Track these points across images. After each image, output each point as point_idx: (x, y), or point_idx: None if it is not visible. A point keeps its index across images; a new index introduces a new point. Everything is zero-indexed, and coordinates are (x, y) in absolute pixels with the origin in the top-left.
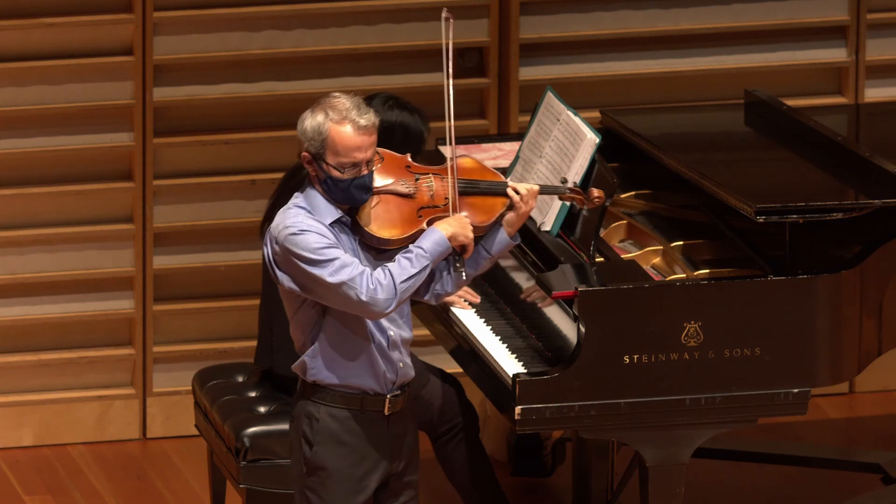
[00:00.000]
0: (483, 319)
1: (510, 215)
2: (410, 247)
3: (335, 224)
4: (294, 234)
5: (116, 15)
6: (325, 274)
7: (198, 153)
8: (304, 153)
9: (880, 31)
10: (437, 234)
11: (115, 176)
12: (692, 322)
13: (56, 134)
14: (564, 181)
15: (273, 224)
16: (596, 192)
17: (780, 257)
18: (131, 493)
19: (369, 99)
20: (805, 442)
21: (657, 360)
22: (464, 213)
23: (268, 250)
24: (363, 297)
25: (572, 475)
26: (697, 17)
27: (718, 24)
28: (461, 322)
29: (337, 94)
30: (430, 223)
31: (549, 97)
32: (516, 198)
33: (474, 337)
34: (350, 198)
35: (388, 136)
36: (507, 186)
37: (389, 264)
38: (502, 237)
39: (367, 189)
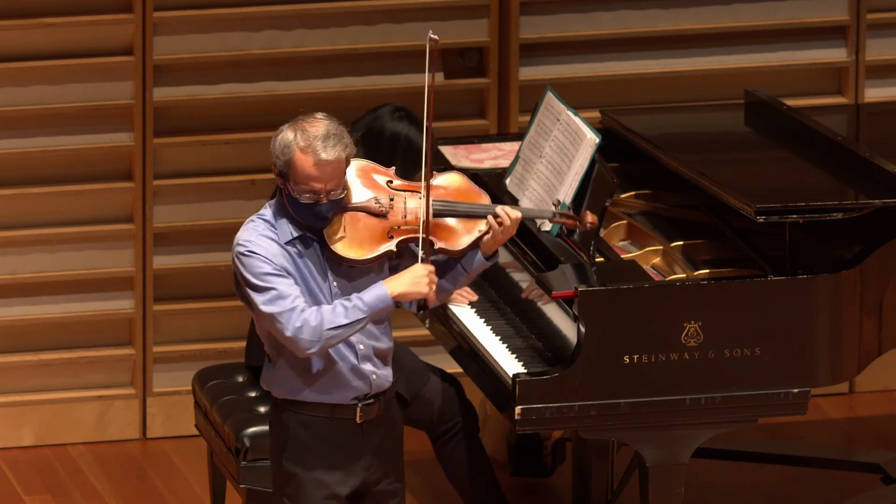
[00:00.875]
0: (483, 319)
1: (487, 238)
2: (353, 296)
3: (297, 240)
4: (242, 253)
5: (116, 15)
6: (259, 301)
7: (198, 153)
8: (273, 165)
9: (880, 31)
10: (382, 291)
11: (115, 176)
12: (692, 322)
13: (56, 134)
14: (557, 203)
15: (236, 235)
16: (590, 217)
17: (780, 257)
18: (131, 493)
19: (380, 107)
20: (805, 442)
21: (657, 360)
22: (428, 268)
23: (232, 255)
24: (287, 334)
25: (572, 475)
26: (697, 17)
27: (718, 24)
28: (461, 322)
29: (319, 115)
30: (399, 245)
31: (549, 97)
32: (493, 223)
33: (474, 337)
34: (309, 221)
35: (392, 146)
36: (488, 212)
37: (325, 308)
38: (479, 258)
39: (323, 218)
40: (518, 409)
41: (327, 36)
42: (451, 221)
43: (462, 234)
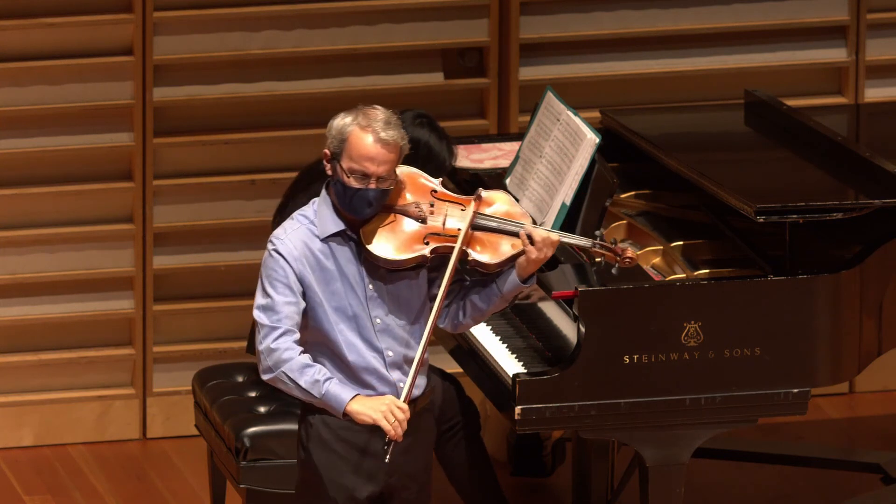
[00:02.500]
0: None
1: (522, 259)
2: (327, 377)
3: (337, 236)
4: (270, 251)
5: (116, 15)
6: (257, 299)
7: (198, 153)
8: (326, 150)
9: (880, 31)
10: (343, 397)
11: (115, 176)
12: (692, 322)
13: (56, 134)
14: (596, 236)
15: (278, 227)
16: (630, 252)
17: (780, 257)
18: (131, 493)
19: (402, 112)
20: (805, 442)
21: (657, 360)
22: (399, 404)
23: None
24: (259, 347)
25: (572, 475)
26: (697, 17)
27: (718, 24)
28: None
29: (377, 106)
30: (434, 252)
31: (549, 97)
32: (527, 242)
33: (474, 336)
34: (352, 208)
35: (412, 151)
36: (521, 229)
37: (300, 358)
38: (513, 279)
39: (369, 204)
40: (518, 409)
41: (327, 36)
42: (489, 236)
43: (498, 250)
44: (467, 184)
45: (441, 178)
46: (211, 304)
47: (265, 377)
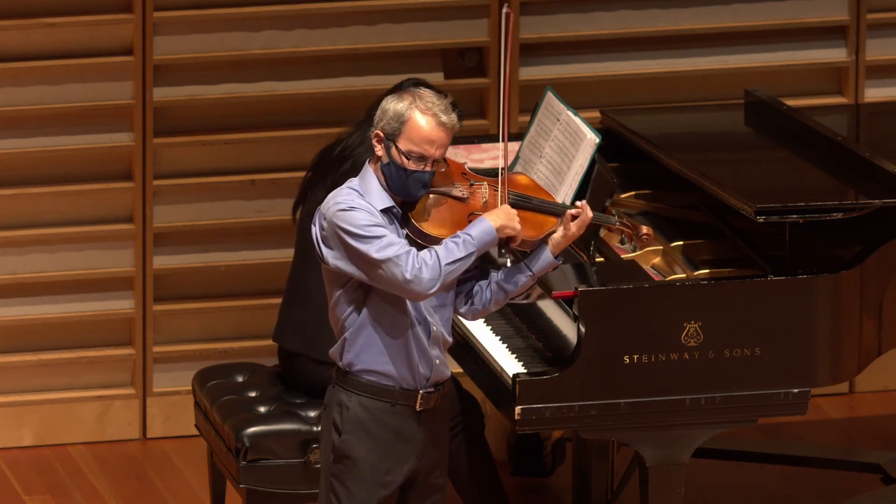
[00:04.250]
0: (483, 319)
1: (556, 235)
2: (458, 233)
3: (385, 212)
4: (343, 209)
5: (116, 15)
6: (371, 250)
7: (198, 153)
8: (378, 132)
9: (880, 31)
10: (486, 224)
11: (115, 176)
12: (692, 322)
13: (56, 134)
14: (615, 214)
15: (323, 203)
16: (645, 230)
17: (780, 257)
18: (131, 493)
19: (401, 84)
20: (805, 442)
21: (657, 360)
22: (508, 208)
23: (315, 228)
24: (407, 275)
25: (572, 475)
26: (697, 17)
27: (718, 24)
28: (461, 321)
29: (425, 88)
30: None
31: (549, 97)
32: (569, 220)
33: (474, 336)
34: (406, 190)
35: None
36: (564, 209)
37: (436, 247)
38: (546, 256)
39: (425, 185)
40: (518, 409)
41: (327, 36)
42: (524, 214)
43: (534, 228)
44: None
45: (465, 161)
46: (211, 304)
47: (433, 289)
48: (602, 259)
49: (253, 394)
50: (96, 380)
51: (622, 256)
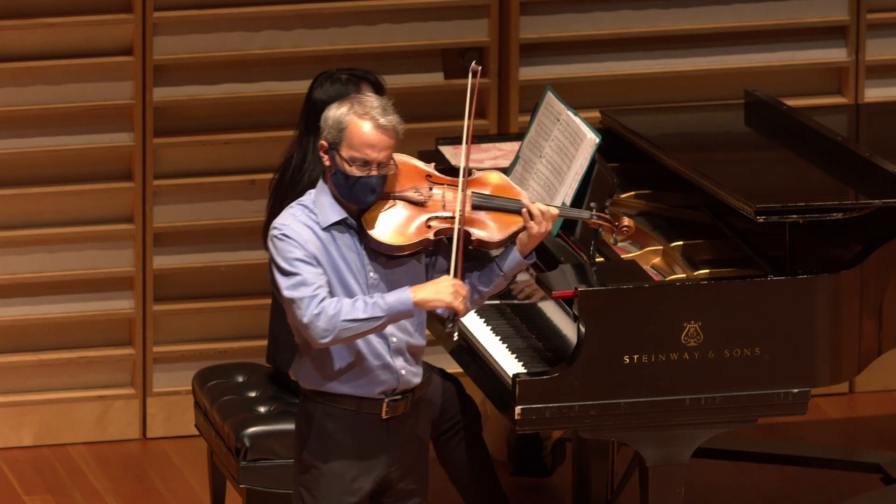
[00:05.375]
0: (483, 319)
1: (523, 235)
2: (376, 295)
3: (338, 225)
4: (276, 237)
5: (116, 15)
6: (283, 284)
7: (198, 153)
8: (322, 142)
9: (880, 31)
10: (405, 294)
11: (115, 176)
12: (692, 322)
13: (56, 134)
14: (592, 207)
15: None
16: (626, 221)
17: (780, 257)
18: (131, 493)
19: (335, 71)
20: (805, 442)
21: (657, 360)
22: (456, 281)
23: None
24: (304, 320)
25: (572, 475)
26: (697, 17)
27: (718, 24)
28: (461, 321)
29: (369, 93)
30: (436, 234)
31: (549, 97)
32: (527, 218)
33: (474, 337)
34: (355, 197)
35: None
36: (522, 206)
37: (346, 300)
38: (514, 256)
39: (373, 191)
40: (518, 409)
41: (327, 36)
42: (488, 214)
43: (498, 228)
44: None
45: (433, 163)
46: (211, 304)
47: (325, 341)
48: (602, 259)
49: (253, 394)
50: (96, 380)
51: (622, 256)
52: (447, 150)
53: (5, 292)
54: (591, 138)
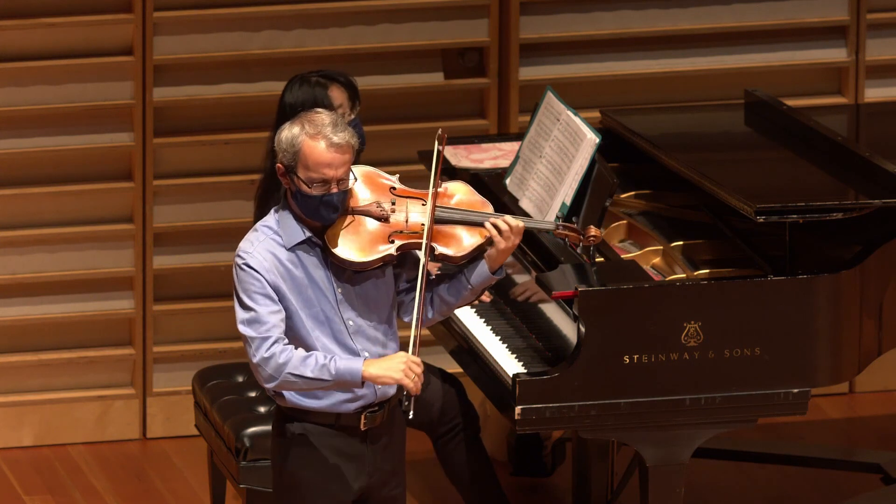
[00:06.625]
0: (483, 319)
1: (491, 250)
2: (329, 357)
3: (303, 244)
4: (239, 265)
5: (116, 15)
6: (239, 317)
7: (198, 153)
8: (279, 164)
9: (880, 31)
10: (355, 366)
11: (115, 176)
12: (692, 322)
13: (56, 134)
14: (558, 218)
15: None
16: (593, 231)
17: (780, 257)
18: (131, 493)
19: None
20: (805, 442)
21: (657, 360)
22: (413, 359)
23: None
24: (254, 359)
25: (572, 475)
26: (697, 17)
27: (718, 24)
28: (461, 322)
29: (319, 109)
30: (400, 249)
31: (549, 97)
32: (494, 233)
33: (474, 337)
34: (318, 215)
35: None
36: (486, 220)
37: (298, 353)
38: (482, 270)
39: (335, 208)
40: (518, 409)
41: (327, 36)
42: (453, 228)
43: (463, 242)
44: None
45: (398, 175)
46: (211, 304)
47: (269, 386)
48: (602, 259)
49: (253, 394)
50: (96, 380)
51: (622, 256)
52: (447, 151)
53: (5, 292)
54: (591, 138)
